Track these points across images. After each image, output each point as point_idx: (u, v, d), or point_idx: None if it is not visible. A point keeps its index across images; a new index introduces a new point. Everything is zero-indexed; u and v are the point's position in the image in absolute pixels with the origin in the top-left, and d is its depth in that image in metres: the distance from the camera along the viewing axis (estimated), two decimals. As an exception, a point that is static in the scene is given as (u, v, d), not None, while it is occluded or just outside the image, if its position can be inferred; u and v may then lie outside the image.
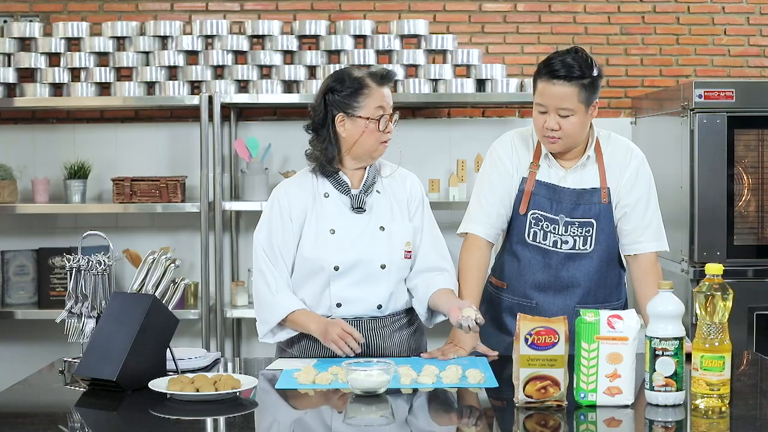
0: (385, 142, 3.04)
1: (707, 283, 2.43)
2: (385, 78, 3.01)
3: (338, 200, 3.05)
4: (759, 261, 4.28)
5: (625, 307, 3.18)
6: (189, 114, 4.97)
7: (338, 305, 3.02)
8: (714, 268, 2.43)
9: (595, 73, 2.98)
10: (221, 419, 2.44)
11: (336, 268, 2.99)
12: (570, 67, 2.94)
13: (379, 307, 3.03)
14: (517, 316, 2.46)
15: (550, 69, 2.96)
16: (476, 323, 2.83)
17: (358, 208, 3.04)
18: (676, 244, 4.35)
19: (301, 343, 3.08)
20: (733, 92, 4.20)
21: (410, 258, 3.07)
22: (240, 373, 2.93)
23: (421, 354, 3.06)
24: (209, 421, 2.43)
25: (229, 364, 3.29)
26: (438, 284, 3.04)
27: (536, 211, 3.10)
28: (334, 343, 2.90)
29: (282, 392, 2.65)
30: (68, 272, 2.84)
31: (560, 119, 2.98)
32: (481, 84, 4.79)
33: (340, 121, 3.00)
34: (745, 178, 4.39)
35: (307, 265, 3.02)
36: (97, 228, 4.92)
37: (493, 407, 2.57)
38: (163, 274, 2.80)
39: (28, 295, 4.88)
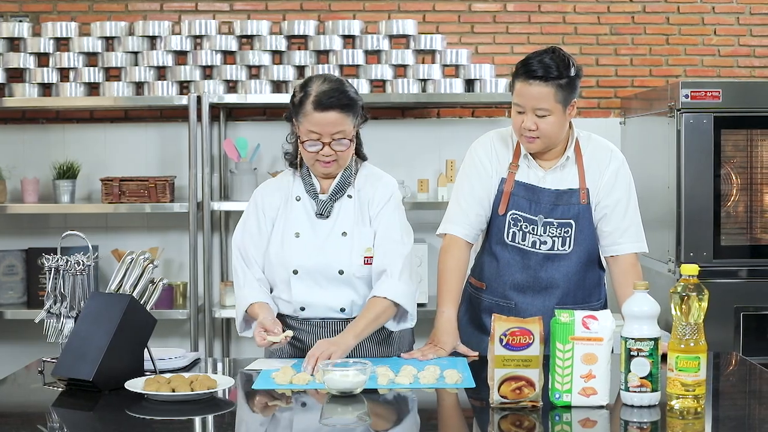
0: (324, 163, 2.98)
1: (682, 283, 2.42)
2: (325, 105, 2.91)
3: (307, 204, 3.07)
4: (746, 261, 4.27)
5: (604, 308, 3.17)
6: (178, 114, 4.98)
7: (302, 309, 3.04)
8: (689, 269, 2.43)
9: (572, 73, 2.97)
10: (196, 419, 2.44)
11: (295, 272, 3.01)
12: (547, 67, 2.94)
13: (342, 310, 3.03)
14: (492, 317, 2.46)
15: (527, 69, 2.96)
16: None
17: (320, 214, 3.04)
18: (663, 245, 4.35)
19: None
20: (719, 92, 4.20)
21: (371, 264, 3.03)
22: (227, 374, 2.95)
23: (401, 354, 3.06)
24: (184, 421, 2.43)
25: (219, 365, 3.29)
26: (374, 293, 2.99)
27: (515, 211, 3.10)
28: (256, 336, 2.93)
29: (259, 392, 2.65)
30: (47, 272, 2.85)
31: (537, 119, 2.98)
32: (469, 84, 4.79)
33: (295, 124, 3.02)
34: (733, 178, 4.38)
35: (271, 266, 3.05)
36: (86, 228, 4.95)
37: (470, 408, 2.57)
38: (141, 275, 2.80)
39: (17, 295, 4.88)
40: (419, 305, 3.54)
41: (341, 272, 3.00)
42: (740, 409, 2.62)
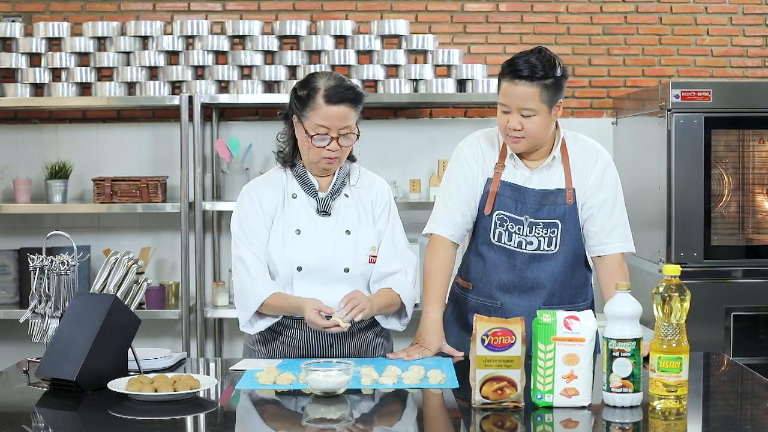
0: (329, 159, 2.98)
1: (664, 284, 2.42)
2: (337, 99, 2.92)
3: (306, 202, 3.06)
4: (737, 261, 4.27)
5: (591, 308, 3.17)
6: (170, 114, 4.98)
7: None
8: (671, 269, 2.42)
9: (558, 73, 2.97)
10: (179, 420, 2.44)
11: (299, 269, 3.00)
12: (533, 67, 2.93)
13: None
14: (474, 317, 2.45)
15: (513, 69, 2.95)
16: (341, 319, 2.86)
17: (323, 211, 3.04)
18: (654, 245, 4.34)
19: (269, 344, 3.08)
20: (710, 93, 4.19)
21: (375, 263, 3.05)
22: (218, 374, 2.94)
23: (387, 354, 3.06)
24: (167, 421, 2.43)
25: (211, 365, 3.28)
26: (389, 285, 3.03)
27: (501, 211, 3.09)
28: (312, 323, 2.89)
29: (243, 392, 2.65)
30: (32, 272, 2.84)
31: (523, 119, 2.97)
32: (461, 84, 4.79)
33: (296, 122, 3.01)
34: (726, 178, 4.38)
35: (272, 264, 3.03)
36: (78, 228, 4.96)
37: (453, 408, 2.57)
38: (125, 275, 2.80)
39: (10, 295, 4.89)
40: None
41: (347, 270, 3.01)
42: (723, 410, 2.61)
